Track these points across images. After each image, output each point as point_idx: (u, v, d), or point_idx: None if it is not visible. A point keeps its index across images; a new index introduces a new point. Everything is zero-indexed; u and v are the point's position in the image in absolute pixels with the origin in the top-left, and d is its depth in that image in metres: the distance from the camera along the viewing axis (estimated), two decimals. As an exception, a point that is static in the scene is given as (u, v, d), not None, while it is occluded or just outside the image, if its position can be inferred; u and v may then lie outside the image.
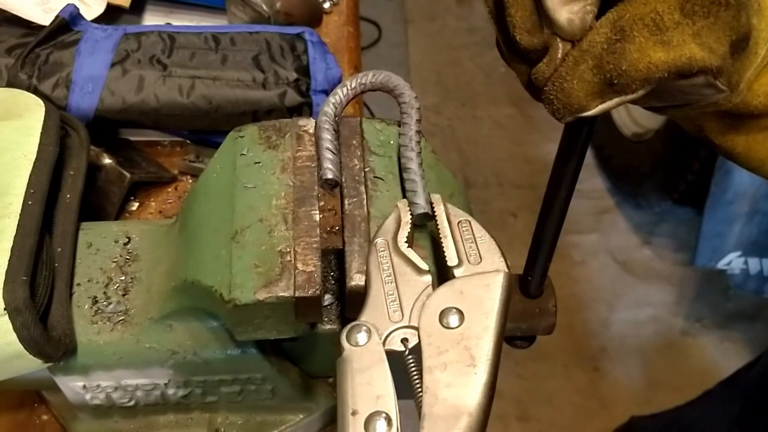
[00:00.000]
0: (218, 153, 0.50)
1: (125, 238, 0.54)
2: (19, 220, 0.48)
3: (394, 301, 0.40)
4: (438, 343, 0.37)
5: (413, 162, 0.46)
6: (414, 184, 0.45)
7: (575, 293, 1.97)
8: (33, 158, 0.53)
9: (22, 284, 0.45)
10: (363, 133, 0.50)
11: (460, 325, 0.38)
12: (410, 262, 0.42)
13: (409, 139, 0.47)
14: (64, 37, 0.69)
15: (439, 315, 0.38)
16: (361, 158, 0.48)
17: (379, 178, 0.48)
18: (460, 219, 0.44)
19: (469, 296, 0.39)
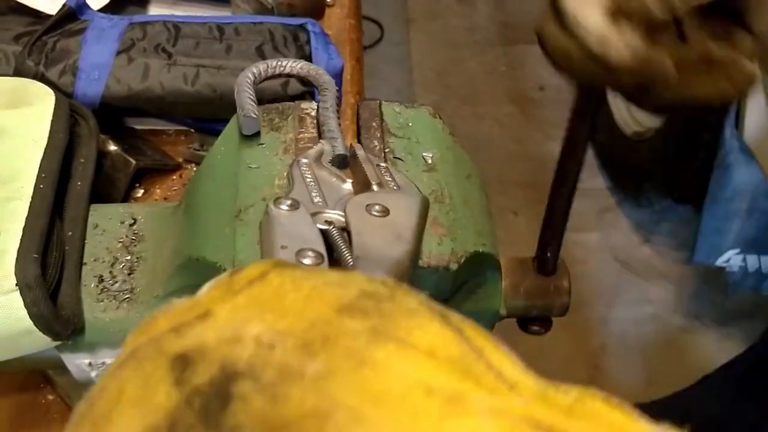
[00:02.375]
0: (222, 135, 0.51)
1: (131, 219, 0.55)
2: (31, 203, 0.50)
3: (318, 196, 0.41)
4: (365, 224, 0.38)
5: (332, 120, 0.49)
6: (332, 133, 0.48)
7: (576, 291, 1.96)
8: (44, 144, 0.54)
9: (33, 262, 0.46)
10: (382, 115, 0.51)
11: (386, 216, 0.38)
12: (332, 174, 0.43)
13: (327, 106, 0.50)
14: (71, 25, 0.70)
15: (365, 206, 0.39)
16: (381, 140, 0.50)
17: (398, 159, 0.49)
18: (380, 163, 0.45)
19: (392, 201, 0.40)
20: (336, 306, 0.26)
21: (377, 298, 0.26)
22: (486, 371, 0.25)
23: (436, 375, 0.24)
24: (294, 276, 0.27)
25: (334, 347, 0.24)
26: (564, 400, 0.24)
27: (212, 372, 0.24)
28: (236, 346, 0.24)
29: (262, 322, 0.25)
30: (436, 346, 0.25)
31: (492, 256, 0.50)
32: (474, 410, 0.23)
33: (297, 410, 0.23)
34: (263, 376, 0.23)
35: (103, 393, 0.26)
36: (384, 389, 0.23)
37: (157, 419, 0.23)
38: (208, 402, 0.23)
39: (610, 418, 0.23)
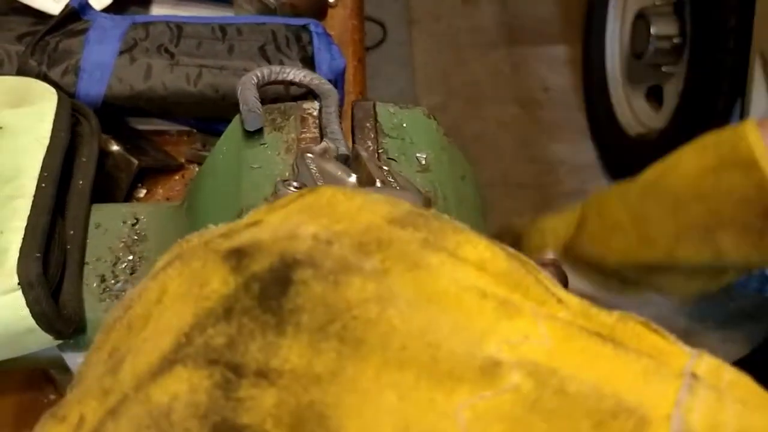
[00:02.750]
0: (225, 135, 0.51)
1: (133, 219, 0.55)
2: (33, 201, 0.50)
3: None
4: None
5: (334, 124, 0.49)
6: (335, 135, 0.48)
7: (579, 293, 1.97)
8: (46, 143, 0.54)
9: (35, 260, 0.46)
10: (377, 116, 0.51)
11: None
12: (338, 168, 0.43)
13: (331, 111, 0.50)
14: (74, 25, 0.70)
15: None
16: (374, 140, 0.50)
17: (392, 159, 0.49)
18: (382, 165, 0.45)
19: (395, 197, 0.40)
20: (387, 218, 0.26)
21: (426, 217, 0.27)
22: (535, 284, 0.25)
23: (487, 283, 0.25)
24: (345, 190, 0.28)
25: (388, 249, 0.25)
26: (607, 320, 0.25)
27: (271, 260, 0.24)
28: (294, 241, 0.25)
29: (317, 224, 0.26)
30: (485, 259, 0.26)
31: None
32: (527, 313, 0.24)
33: (359, 294, 0.23)
34: (323, 265, 0.24)
35: (142, 294, 0.26)
36: (439, 289, 0.24)
37: (210, 304, 0.23)
38: (267, 287, 0.23)
39: (650, 340, 0.24)
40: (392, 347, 0.22)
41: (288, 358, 0.22)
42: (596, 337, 0.23)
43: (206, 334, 0.23)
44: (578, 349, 0.23)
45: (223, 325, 0.23)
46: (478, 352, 0.22)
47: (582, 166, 2.16)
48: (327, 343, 0.22)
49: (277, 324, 0.23)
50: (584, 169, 2.16)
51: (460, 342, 0.23)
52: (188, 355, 0.23)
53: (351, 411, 0.21)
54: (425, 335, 0.23)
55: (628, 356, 0.23)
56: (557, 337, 0.23)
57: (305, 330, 0.23)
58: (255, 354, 0.22)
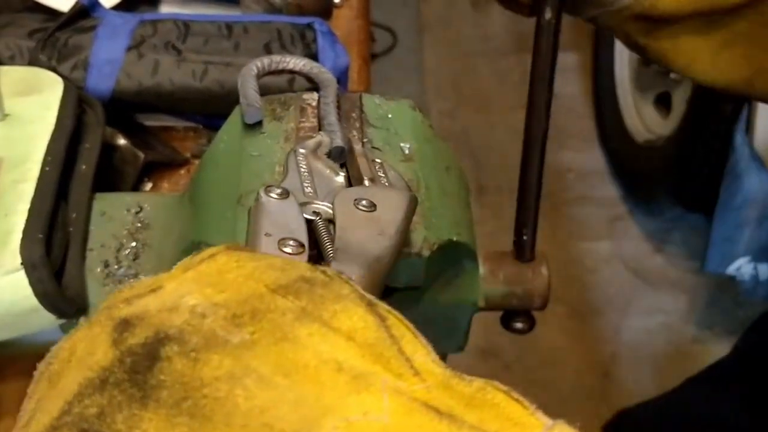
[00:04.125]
0: (226, 124, 0.53)
1: (137, 207, 0.56)
2: (37, 185, 0.51)
3: (309, 186, 0.43)
4: (351, 218, 0.39)
5: (332, 115, 0.50)
6: (332, 126, 0.49)
7: (587, 300, 1.97)
8: (51, 129, 0.55)
9: (39, 242, 0.48)
10: (362, 107, 0.52)
11: (373, 211, 0.39)
12: (327, 167, 0.44)
13: (329, 101, 0.51)
14: (83, 22, 0.72)
15: (353, 200, 0.40)
16: (360, 130, 0.51)
17: (376, 149, 0.50)
18: (375, 159, 0.47)
19: (381, 197, 0.40)
20: (272, 286, 0.28)
21: (312, 283, 0.29)
22: (397, 357, 0.27)
23: (349, 356, 0.26)
24: (240, 257, 0.30)
25: (261, 321, 0.27)
26: (466, 390, 0.26)
27: (147, 335, 0.26)
28: (172, 314, 0.27)
29: (200, 294, 0.28)
30: (355, 329, 0.27)
31: (468, 246, 0.51)
32: (376, 388, 0.25)
33: (213, 373, 0.25)
34: (190, 341, 0.26)
35: (59, 353, 0.29)
36: (298, 362, 0.26)
37: (92, 374, 0.26)
38: (138, 361, 0.26)
39: (508, 411, 0.25)
40: (234, 425, 0.24)
41: (147, 431, 0.24)
42: (434, 414, 0.25)
43: (83, 404, 0.25)
44: (414, 425, 0.24)
45: (97, 396, 0.25)
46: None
47: (590, 172, 2.17)
48: (180, 419, 0.24)
49: (141, 398, 0.25)
50: (592, 175, 2.16)
51: (296, 421, 0.24)
52: (65, 423, 0.25)
53: None
54: (264, 414, 0.24)
55: (461, 431, 0.24)
56: (397, 412, 0.24)
57: (164, 405, 0.24)
58: (119, 425, 0.24)
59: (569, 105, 2.27)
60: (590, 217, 2.11)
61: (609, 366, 1.86)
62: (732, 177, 1.55)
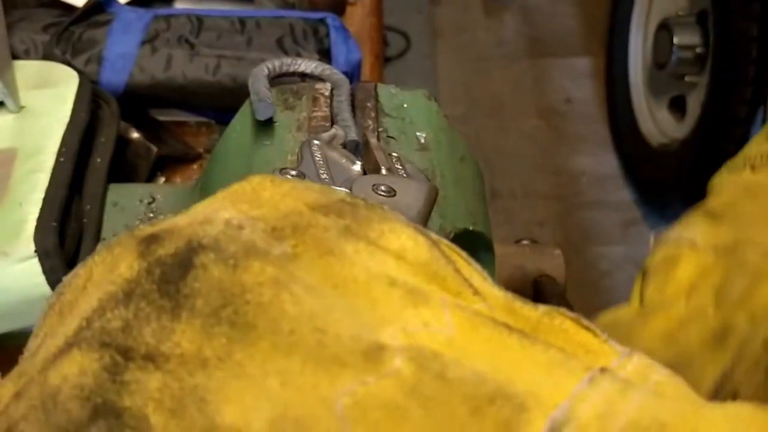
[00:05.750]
0: (238, 115, 0.53)
1: (150, 198, 0.56)
2: (52, 175, 0.51)
3: (325, 173, 0.41)
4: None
5: (346, 112, 0.49)
6: (346, 122, 0.48)
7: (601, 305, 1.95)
8: (66, 122, 0.56)
9: (52, 230, 0.48)
10: (378, 96, 0.52)
11: (392, 197, 0.38)
12: (343, 156, 0.44)
13: (342, 99, 0.51)
14: (98, 17, 0.72)
15: (371, 186, 0.38)
16: (374, 119, 0.50)
17: (392, 138, 0.50)
18: (391, 152, 0.46)
19: (400, 185, 0.39)
20: (312, 205, 0.26)
21: (355, 205, 0.27)
22: (454, 276, 0.25)
23: (402, 273, 0.24)
24: (275, 179, 0.28)
25: (303, 235, 0.25)
26: (532, 314, 0.24)
27: (177, 245, 0.24)
28: (205, 226, 0.25)
29: (235, 209, 0.26)
30: (406, 248, 0.25)
31: (483, 236, 0.50)
32: (435, 303, 0.23)
33: (255, 278, 0.23)
34: (227, 249, 0.24)
35: (73, 280, 0.26)
36: (347, 276, 0.24)
37: (114, 288, 0.24)
38: (167, 271, 0.23)
39: (579, 338, 0.23)
40: (281, 332, 0.22)
41: (179, 343, 0.22)
42: (504, 328, 0.23)
43: (104, 318, 0.23)
44: (482, 339, 0.22)
45: (122, 309, 0.23)
46: (365, 337, 0.22)
47: (604, 177, 2.15)
48: (218, 328, 0.22)
49: (172, 308, 0.23)
50: (606, 180, 2.15)
51: (350, 327, 0.22)
52: (84, 338, 0.23)
53: (232, 397, 0.21)
54: (315, 320, 0.22)
55: (534, 348, 0.22)
56: (462, 326, 0.23)
57: (198, 315, 0.23)
58: (147, 338, 0.22)
59: (583, 109, 2.27)
60: (604, 221, 2.10)
61: (622, 371, 1.84)
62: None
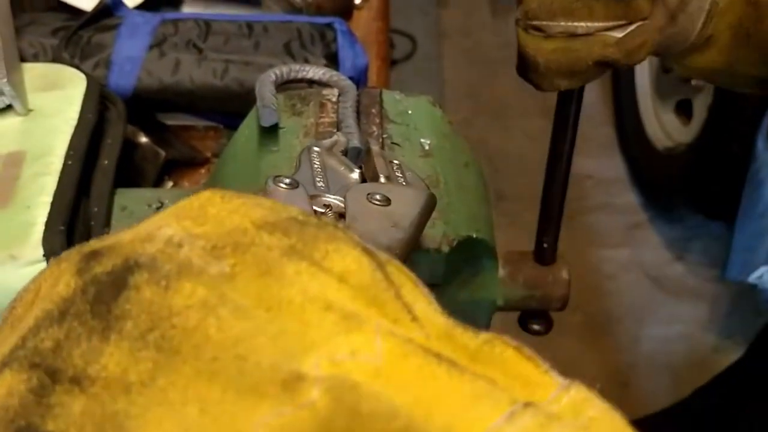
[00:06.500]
0: (246, 120, 0.53)
1: (158, 203, 0.56)
2: (59, 177, 0.52)
3: (321, 181, 0.41)
4: (363, 210, 0.37)
5: (350, 118, 0.49)
6: (350, 128, 0.48)
7: (606, 308, 1.96)
8: (74, 124, 0.56)
9: (60, 233, 0.48)
10: (382, 102, 0.52)
11: (387, 206, 0.38)
12: (342, 164, 0.43)
13: (348, 106, 0.51)
14: (106, 21, 0.73)
15: (366, 194, 0.38)
16: (379, 125, 0.51)
17: (396, 144, 0.50)
18: (393, 159, 0.45)
19: (396, 193, 0.39)
20: (258, 222, 0.25)
21: (304, 224, 0.26)
22: (393, 301, 0.24)
23: (340, 296, 0.24)
24: (226, 194, 0.27)
25: (244, 254, 0.24)
26: (471, 342, 0.23)
27: (115, 263, 0.24)
28: (146, 243, 0.24)
29: (178, 226, 0.25)
30: (349, 271, 0.24)
31: (487, 243, 0.50)
32: (369, 329, 0.23)
33: (184, 301, 0.23)
34: (162, 268, 0.23)
35: (24, 296, 0.26)
36: (282, 298, 0.23)
37: (51, 306, 0.24)
38: (102, 290, 0.23)
39: (519, 368, 0.23)
40: (204, 358, 0.22)
41: (106, 366, 0.22)
42: (433, 358, 0.22)
43: (38, 338, 0.23)
44: (410, 369, 0.22)
45: (55, 329, 0.23)
46: (286, 366, 0.22)
47: (610, 180, 2.15)
48: (145, 352, 0.22)
49: (103, 330, 0.22)
50: (612, 183, 2.15)
51: (273, 354, 0.22)
52: (17, 358, 0.23)
53: (151, 424, 0.21)
54: (238, 346, 0.22)
55: (462, 378, 0.22)
56: (391, 355, 0.22)
57: (127, 337, 0.22)
58: (76, 360, 0.22)
59: (589, 112, 2.26)
60: (609, 224, 2.10)
61: (627, 376, 1.84)
62: (754, 184, 1.53)
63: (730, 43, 0.47)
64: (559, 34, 0.45)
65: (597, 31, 0.45)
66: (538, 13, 0.45)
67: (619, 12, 0.45)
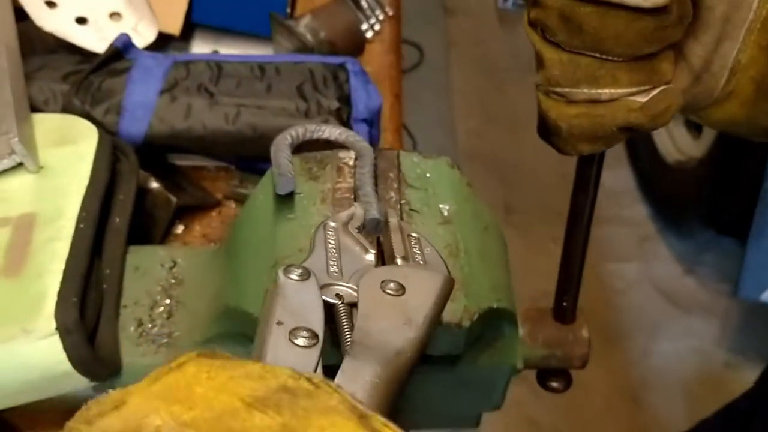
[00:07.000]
0: (262, 182, 0.52)
1: (171, 263, 0.55)
2: (72, 243, 0.51)
3: (335, 265, 0.40)
4: (376, 303, 0.36)
5: (368, 185, 0.49)
6: (368, 197, 0.47)
7: (615, 322, 1.95)
8: (86, 183, 0.55)
9: (73, 306, 0.47)
10: (400, 166, 0.51)
11: (400, 295, 0.37)
12: (357, 243, 0.42)
13: (365, 171, 0.50)
14: (117, 64, 0.72)
15: (380, 283, 0.37)
16: (397, 191, 0.50)
17: (414, 211, 0.49)
18: (411, 233, 0.44)
19: (412, 279, 0.38)
20: (249, 399, 0.25)
21: (295, 394, 0.26)
22: None
23: None
24: (211, 366, 0.27)
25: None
26: None
27: None
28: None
29: (167, 413, 0.25)
30: None
31: (508, 311, 0.50)
32: None
33: None
34: None
35: None
36: None
37: None
38: None
39: None
40: None
41: None
42: None
43: None
44: None
45: None
46: None
47: (619, 192, 2.14)
48: None
49: None
50: (621, 195, 2.14)
51: None
52: None
53: None
54: None
55: None
56: None
57: None
58: None
59: (598, 123, 2.25)
60: (619, 236, 2.08)
61: (638, 391, 1.83)
62: (766, 204, 1.52)
63: (752, 96, 0.46)
64: (582, 101, 0.44)
65: (621, 97, 0.44)
66: (560, 80, 0.44)
67: (643, 77, 0.43)
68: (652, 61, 0.43)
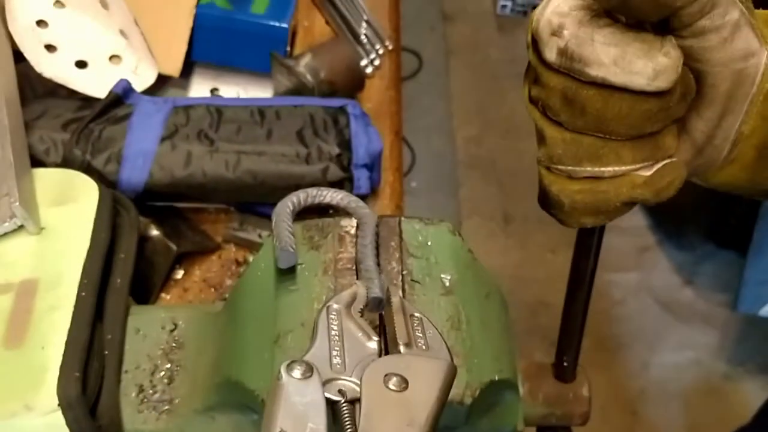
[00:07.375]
0: (262, 250, 0.52)
1: (172, 325, 0.55)
2: (74, 313, 0.51)
3: (338, 356, 0.40)
4: (379, 400, 0.37)
5: (369, 258, 0.48)
6: (370, 273, 0.47)
7: (614, 333, 1.95)
8: (87, 246, 0.55)
9: (75, 381, 0.47)
10: (401, 233, 0.51)
11: (403, 391, 0.37)
12: (360, 329, 0.42)
13: (366, 243, 0.49)
14: (117, 110, 0.72)
15: (383, 377, 0.37)
16: (399, 260, 0.49)
17: (416, 282, 0.49)
18: (414, 313, 0.44)
19: (415, 370, 0.38)
20: None
21: None
22: None
23: None
24: None
25: None
26: None
27: None
28: None
29: None
30: None
31: (510, 381, 0.50)
32: None
33: None
34: None
35: None
36: None
37: None
38: None
39: None
40: None
41: None
42: None
43: None
44: None
45: None
46: None
47: (618, 202, 2.14)
48: None
49: None
50: (621, 206, 2.14)
51: None
52: None
53: None
54: None
55: None
56: None
57: None
58: None
59: (597, 132, 2.24)
60: (618, 247, 2.08)
61: (637, 402, 1.83)
62: (766, 219, 1.52)
63: (754, 161, 0.46)
64: (585, 177, 0.44)
65: (624, 173, 0.44)
66: (563, 158, 0.44)
67: (647, 153, 0.43)
68: (655, 136, 0.43)
